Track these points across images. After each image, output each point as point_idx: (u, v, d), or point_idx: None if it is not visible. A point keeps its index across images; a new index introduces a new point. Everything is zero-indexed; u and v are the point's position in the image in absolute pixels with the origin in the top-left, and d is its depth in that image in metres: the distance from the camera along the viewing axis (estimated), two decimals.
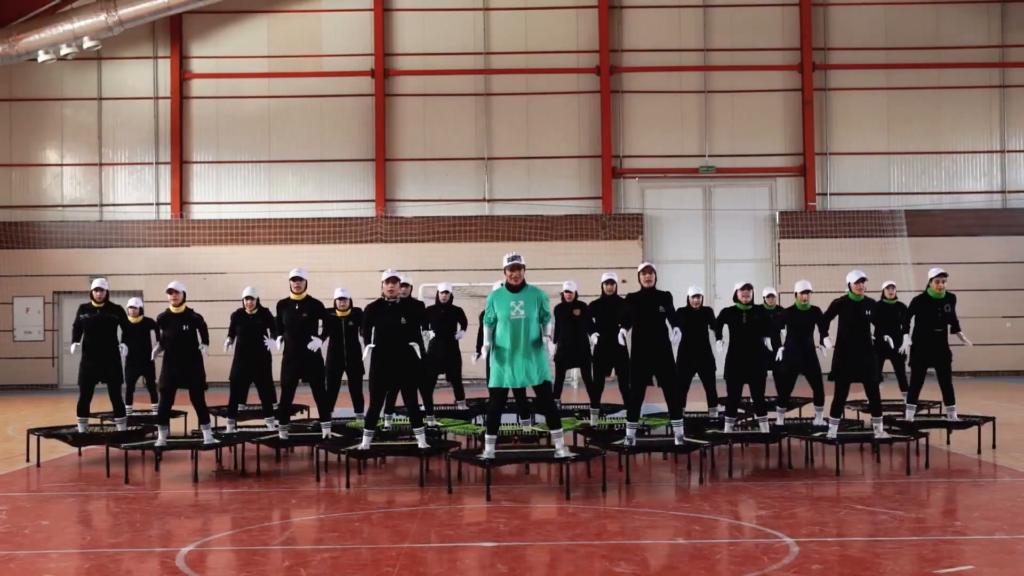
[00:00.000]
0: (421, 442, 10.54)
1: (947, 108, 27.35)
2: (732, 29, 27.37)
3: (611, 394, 13.34)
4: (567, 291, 13.40)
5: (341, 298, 12.59)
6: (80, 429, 12.49)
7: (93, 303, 12.55)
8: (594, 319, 12.77)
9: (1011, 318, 26.53)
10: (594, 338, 12.70)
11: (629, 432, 10.76)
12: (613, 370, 12.61)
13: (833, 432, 11.28)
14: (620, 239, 26.54)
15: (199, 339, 11.54)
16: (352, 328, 12.56)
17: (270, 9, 27.47)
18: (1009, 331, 26.47)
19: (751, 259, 27.02)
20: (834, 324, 11.73)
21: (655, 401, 15.97)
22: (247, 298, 12.65)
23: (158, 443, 11.19)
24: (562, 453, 9.73)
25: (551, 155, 27.18)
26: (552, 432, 9.97)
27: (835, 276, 23.52)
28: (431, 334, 13.39)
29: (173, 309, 11.48)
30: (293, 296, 12.04)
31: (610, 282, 12.66)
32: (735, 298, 12.19)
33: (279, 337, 12.17)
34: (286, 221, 26.72)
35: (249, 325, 12.58)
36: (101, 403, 13.33)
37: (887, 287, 13.84)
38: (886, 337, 12.75)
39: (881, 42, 27.37)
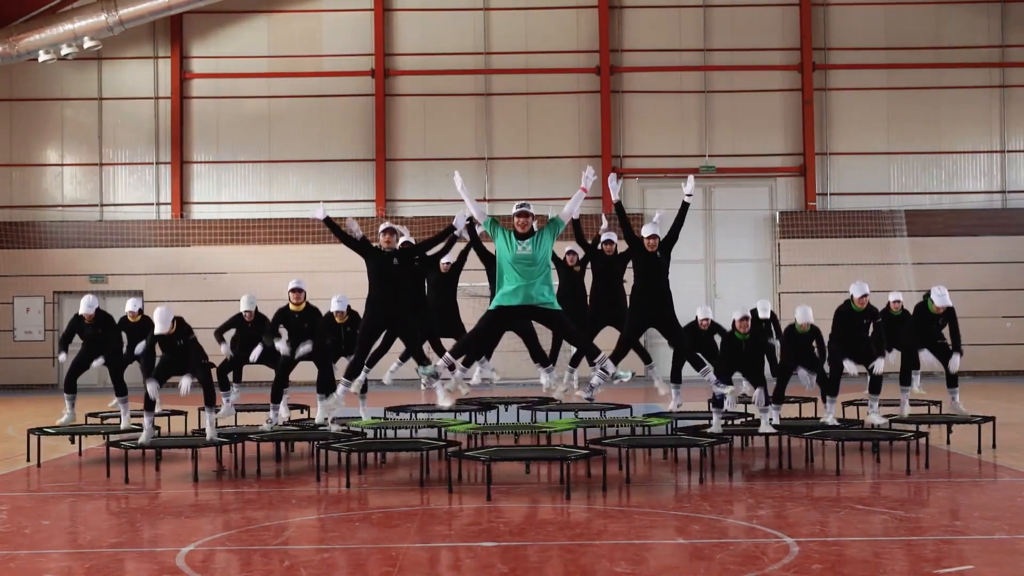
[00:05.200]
0: (424, 381, 10.49)
1: (947, 108, 27.31)
2: (732, 29, 27.34)
3: (611, 394, 13.32)
4: (569, 253, 13.42)
5: (339, 312, 12.51)
6: (67, 409, 12.62)
7: (85, 320, 12.77)
8: (590, 269, 12.64)
9: (1011, 318, 26.51)
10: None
11: (616, 371, 9.93)
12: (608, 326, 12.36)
13: (830, 417, 11.53)
14: (620, 239, 26.45)
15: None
16: (351, 334, 12.49)
17: (270, 9, 27.45)
18: (1009, 331, 26.43)
19: (751, 259, 26.98)
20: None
21: (657, 401, 16.00)
22: (245, 311, 12.58)
23: (142, 439, 11.08)
24: (596, 380, 9.70)
25: (551, 155, 27.15)
26: (595, 361, 9.57)
27: (835, 276, 23.56)
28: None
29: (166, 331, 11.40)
30: (293, 307, 11.99)
31: (609, 242, 12.70)
32: (733, 327, 11.90)
33: (275, 339, 12.10)
34: (286, 221, 26.68)
35: (248, 335, 12.51)
36: (98, 404, 13.32)
37: (893, 302, 13.93)
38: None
39: (881, 42, 27.34)
